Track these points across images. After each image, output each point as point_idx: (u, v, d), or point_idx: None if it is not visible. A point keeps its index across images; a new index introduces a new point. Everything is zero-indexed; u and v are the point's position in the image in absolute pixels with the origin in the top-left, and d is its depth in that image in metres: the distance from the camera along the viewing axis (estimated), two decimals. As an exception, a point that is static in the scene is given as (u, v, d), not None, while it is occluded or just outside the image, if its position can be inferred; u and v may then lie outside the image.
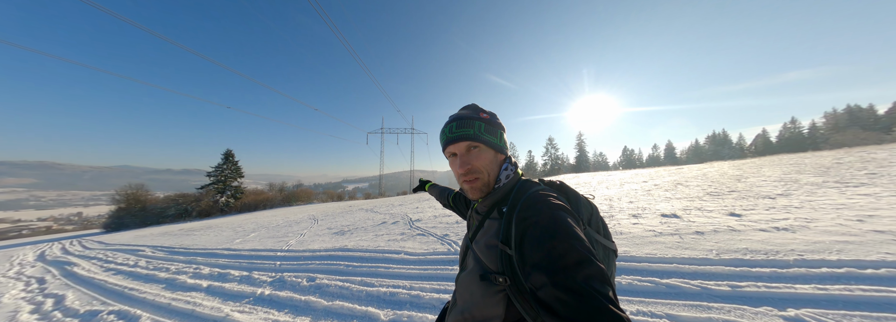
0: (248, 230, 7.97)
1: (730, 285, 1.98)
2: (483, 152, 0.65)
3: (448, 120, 0.70)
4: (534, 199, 0.57)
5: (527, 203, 0.57)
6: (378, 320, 2.11)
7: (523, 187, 0.64)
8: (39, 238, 15.04)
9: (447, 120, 0.70)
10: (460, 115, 0.68)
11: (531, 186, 0.64)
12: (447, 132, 0.67)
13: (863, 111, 39.50)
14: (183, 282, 3.60)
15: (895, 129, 18.10)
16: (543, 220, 0.51)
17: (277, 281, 3.22)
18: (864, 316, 1.53)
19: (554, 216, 0.51)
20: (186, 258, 5.08)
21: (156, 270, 4.37)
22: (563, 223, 0.50)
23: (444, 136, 0.68)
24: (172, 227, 12.97)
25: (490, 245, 0.60)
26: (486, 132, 0.66)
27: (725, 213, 3.89)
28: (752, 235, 2.84)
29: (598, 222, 0.65)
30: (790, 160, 9.70)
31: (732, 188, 5.72)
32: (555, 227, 0.49)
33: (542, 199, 0.56)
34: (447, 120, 0.70)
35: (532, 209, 0.54)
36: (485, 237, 0.62)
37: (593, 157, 48.89)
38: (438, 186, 1.31)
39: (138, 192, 20.72)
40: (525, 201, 0.57)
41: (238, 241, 6.26)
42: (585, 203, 0.66)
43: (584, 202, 0.66)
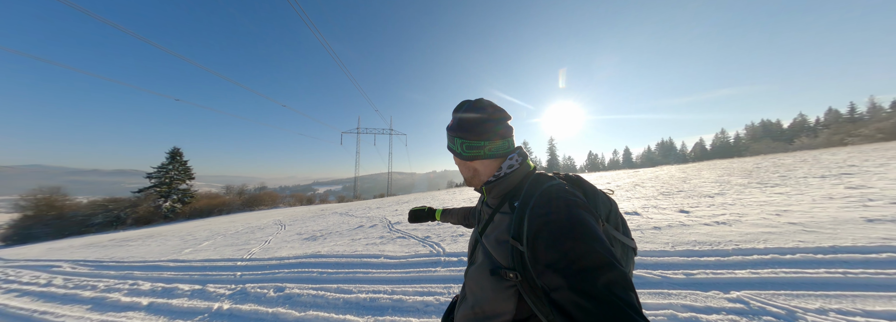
0: (200, 238, 7.08)
1: (684, 273, 2.22)
2: (456, 159, 0.72)
3: None
4: (549, 194, 0.54)
5: (541, 198, 0.54)
6: (357, 328, 1.99)
7: (537, 181, 0.60)
8: None
9: None
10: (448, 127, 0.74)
11: (546, 180, 0.60)
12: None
13: (773, 125, 47.81)
14: (115, 300, 3.06)
15: (796, 140, 22.22)
16: (560, 218, 0.48)
17: (238, 293, 2.89)
18: (787, 294, 1.81)
19: (572, 214, 0.49)
20: (120, 273, 4.35)
21: (78, 289, 3.66)
22: (583, 222, 0.47)
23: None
24: (100, 237, 11.04)
25: (501, 240, 0.57)
26: (449, 142, 0.71)
27: (676, 210, 4.38)
28: (699, 229, 3.23)
29: (617, 218, 0.63)
30: (722, 165, 11.31)
31: (680, 188, 6.49)
32: (573, 226, 0.46)
33: (558, 194, 0.53)
34: None
35: (548, 205, 0.51)
36: (495, 232, 0.60)
37: (563, 161, 52.36)
38: (455, 210, 1.08)
39: (53, 196, 17.35)
40: (539, 196, 0.54)
41: (188, 250, 5.52)
42: (604, 198, 0.63)
43: (603, 197, 0.63)
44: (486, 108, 0.66)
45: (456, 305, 0.71)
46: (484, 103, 0.67)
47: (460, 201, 8.84)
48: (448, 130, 0.70)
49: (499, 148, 0.65)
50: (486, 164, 0.67)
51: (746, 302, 1.76)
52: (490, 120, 0.65)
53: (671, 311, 1.76)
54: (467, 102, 0.68)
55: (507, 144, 0.66)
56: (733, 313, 1.68)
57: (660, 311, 1.77)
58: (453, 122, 0.68)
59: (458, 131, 0.66)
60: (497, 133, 0.65)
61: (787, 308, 1.66)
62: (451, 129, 0.68)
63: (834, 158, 8.25)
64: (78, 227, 16.25)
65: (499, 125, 0.65)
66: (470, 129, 0.64)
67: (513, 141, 0.68)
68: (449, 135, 0.70)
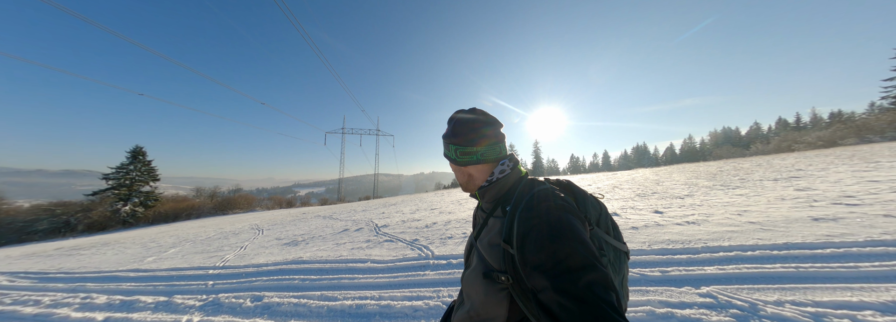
0: (165, 245, 6.52)
1: (660, 271, 2.35)
2: (452, 165, 0.73)
3: None
4: (538, 198, 0.56)
5: (530, 202, 0.55)
6: (343, 337, 1.91)
7: (528, 186, 0.62)
8: None
9: None
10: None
11: (536, 185, 0.62)
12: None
13: (732, 132, 52.35)
14: (64, 316, 2.73)
15: (751, 146, 24.54)
16: (546, 221, 0.50)
17: (210, 304, 2.68)
18: (750, 288, 1.97)
19: (558, 217, 0.50)
20: (69, 285, 3.89)
21: (17, 305, 3.23)
22: (567, 225, 0.49)
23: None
24: (45, 245, 9.85)
25: (493, 244, 0.59)
26: (445, 149, 0.73)
27: (651, 210, 4.65)
28: (672, 229, 3.45)
29: (607, 222, 0.64)
30: (690, 168, 12.19)
31: (654, 190, 6.90)
32: (558, 228, 0.48)
33: (546, 198, 0.55)
34: None
35: (536, 209, 0.53)
36: (488, 236, 0.61)
37: (547, 164, 54.04)
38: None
39: (-15, 200, 15.28)
40: (529, 200, 0.56)
41: (151, 259, 5.07)
42: (593, 202, 0.65)
43: (593, 202, 0.65)
44: (478, 116, 0.70)
45: (453, 309, 0.72)
46: (477, 111, 0.71)
47: (449, 203, 8.83)
48: (443, 139, 0.73)
49: (491, 153, 0.68)
50: (480, 170, 0.69)
51: (715, 296, 1.90)
52: (482, 126, 0.68)
53: (649, 307, 1.85)
54: (461, 111, 0.73)
55: (500, 150, 0.69)
56: (704, 307, 1.80)
57: (639, 308, 1.87)
58: (448, 130, 0.71)
59: (453, 138, 0.69)
60: (489, 139, 0.68)
61: (749, 301, 1.80)
62: (446, 136, 0.72)
63: (784, 163, 9.16)
64: (16, 235, 14.40)
65: (490, 131, 0.68)
66: (463, 136, 0.67)
67: (505, 147, 0.71)
68: (444, 142, 0.73)
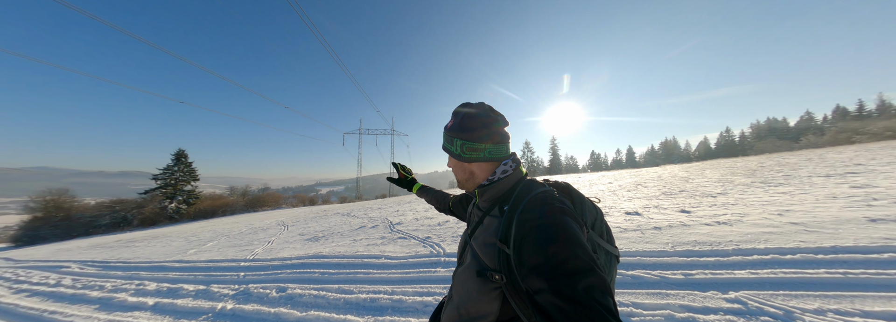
0: (204, 239, 7.16)
1: (683, 274, 2.22)
2: (452, 160, 0.72)
3: None
4: (538, 200, 0.56)
5: (530, 204, 0.55)
6: (358, 328, 2.01)
7: (527, 187, 0.62)
8: (-85, 257, 12.01)
9: None
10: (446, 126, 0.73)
11: (536, 187, 0.62)
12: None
13: (778, 123, 47.17)
14: (122, 300, 3.12)
15: (802, 139, 21.87)
16: (546, 224, 0.50)
17: (242, 293, 2.93)
18: (786, 294, 1.81)
19: (558, 220, 0.50)
20: (126, 273, 4.42)
21: (86, 289, 3.74)
22: (567, 228, 0.49)
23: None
24: (106, 238, 11.21)
25: (488, 243, 0.59)
26: (446, 142, 0.71)
27: (677, 210, 4.36)
28: (699, 229, 3.22)
29: (602, 226, 0.65)
30: (726, 164, 11.21)
31: (682, 188, 6.45)
32: (557, 231, 0.48)
33: (546, 200, 0.55)
34: None
35: (535, 211, 0.53)
36: (484, 234, 0.61)
37: (565, 161, 52.19)
38: (432, 191, 1.17)
39: (61, 198, 17.61)
40: (528, 202, 0.56)
41: (192, 251, 5.60)
42: (591, 206, 0.66)
43: (590, 206, 0.66)
44: (488, 112, 0.67)
45: (443, 306, 0.73)
46: (485, 107, 0.68)
47: (461, 202, 8.84)
48: (447, 131, 0.69)
49: (497, 151, 0.66)
50: (483, 168, 0.67)
51: (744, 302, 1.76)
52: (492, 123, 0.65)
53: (668, 312, 1.76)
54: (468, 105, 0.69)
55: (505, 149, 0.68)
56: (731, 313, 1.68)
57: (657, 312, 1.78)
58: (454, 123, 0.68)
59: (459, 132, 0.65)
60: (496, 137, 0.65)
61: (784, 308, 1.65)
62: (452, 129, 0.67)
63: (839, 157, 8.15)
64: (85, 229, 16.51)
65: (499, 129, 0.66)
66: (471, 131, 0.64)
67: (509, 146, 0.69)
68: (447, 135, 0.69)
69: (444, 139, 0.71)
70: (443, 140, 0.72)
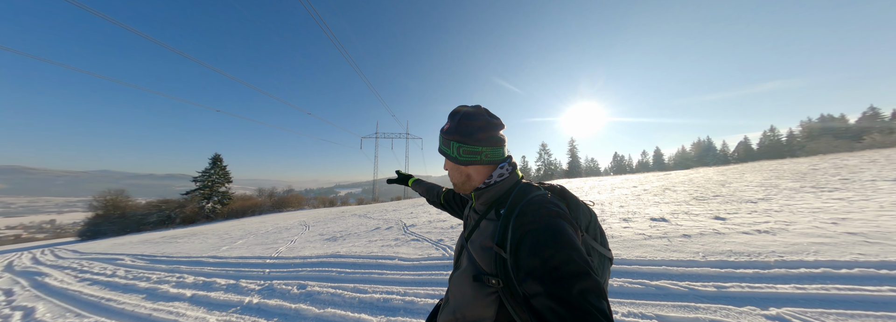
0: (235, 237, 7.71)
1: (715, 286, 2.04)
2: (448, 163, 0.72)
3: None
4: (533, 204, 0.56)
5: (526, 208, 0.56)
6: (371, 327, 2.07)
7: (523, 190, 0.62)
8: (7, 247, 14.09)
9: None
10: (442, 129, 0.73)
11: (531, 190, 0.62)
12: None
13: (835, 120, 41.86)
14: (165, 291, 3.44)
15: (866, 138, 19.17)
16: (542, 227, 0.50)
17: (266, 289, 3.12)
18: (839, 313, 1.60)
19: (553, 224, 0.50)
20: (169, 267, 4.86)
21: (136, 280, 4.16)
22: (563, 232, 0.49)
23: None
24: (154, 234, 12.40)
25: (485, 247, 0.59)
26: (442, 145, 0.71)
27: (711, 216, 4.02)
28: (736, 238, 2.95)
29: (596, 229, 0.65)
30: (770, 166, 10.15)
31: (717, 193, 5.93)
32: (553, 235, 0.48)
33: (541, 204, 0.56)
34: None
35: (531, 215, 0.53)
36: (480, 238, 0.61)
37: (585, 163, 49.92)
38: (425, 183, 1.20)
39: (118, 198, 19.82)
40: (524, 206, 0.56)
41: (225, 248, 6.04)
42: (585, 209, 0.66)
43: (584, 209, 0.66)
44: (484, 115, 0.67)
45: (439, 309, 0.73)
46: (482, 109, 0.69)
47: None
48: (444, 133, 0.69)
49: (493, 155, 0.66)
50: (479, 171, 0.67)
51: (787, 320, 1.59)
52: (490, 127, 0.65)
53: (697, 326, 1.63)
54: (465, 107, 0.69)
55: (501, 152, 0.68)
56: (771, 332, 1.53)
57: (684, 326, 1.66)
58: (451, 126, 0.67)
59: (457, 135, 0.65)
60: (494, 140, 0.66)
61: (837, 329, 1.47)
62: (448, 132, 0.67)
63: (913, 158, 7.08)
64: (136, 225, 18.42)
65: (497, 132, 0.66)
66: (469, 135, 0.64)
67: (505, 149, 0.69)
68: (444, 138, 0.69)
69: (440, 142, 0.71)
70: (439, 142, 0.72)
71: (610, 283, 2.28)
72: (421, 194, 1.19)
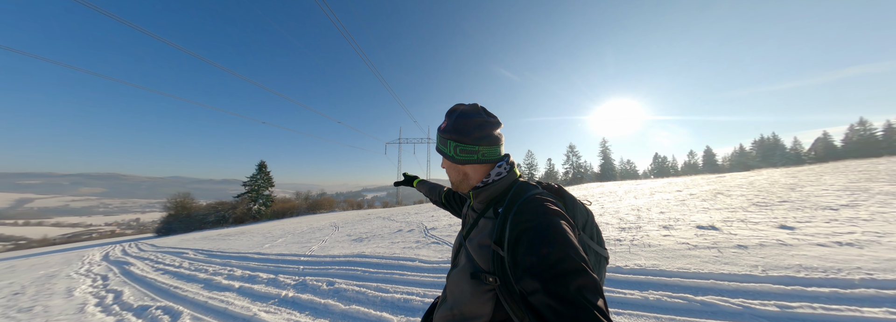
0: (275, 236, 8.47)
1: (778, 305, 1.75)
2: (445, 162, 0.73)
3: None
4: (531, 202, 0.56)
5: (523, 206, 0.56)
6: (391, 326, 2.13)
7: (521, 189, 0.63)
8: (105, 241, 17.17)
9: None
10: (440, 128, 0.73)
11: (529, 189, 0.62)
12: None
13: (954, 108, 33.31)
14: (218, 282, 3.90)
15: None
16: (539, 226, 0.50)
17: (300, 284, 3.38)
18: (955, 348, 1.28)
19: (550, 222, 0.51)
20: (222, 261, 5.51)
21: (196, 271, 4.78)
22: (560, 230, 0.49)
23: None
24: (211, 232, 14.12)
25: (483, 245, 0.59)
26: (440, 144, 0.70)
27: (775, 225, 3.47)
28: (808, 250, 2.50)
29: (593, 228, 0.65)
30: (859, 167, 8.44)
31: (784, 198, 5.09)
32: (551, 233, 0.49)
33: (539, 203, 0.56)
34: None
35: (528, 213, 0.54)
36: (479, 236, 0.62)
37: (620, 165, 45.97)
38: (428, 183, 1.23)
39: (185, 200, 23.02)
40: (522, 204, 0.57)
41: (267, 245, 6.67)
42: (581, 208, 0.66)
43: (581, 208, 0.66)
44: (481, 113, 0.67)
45: (436, 307, 0.74)
46: (479, 108, 0.68)
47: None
48: (441, 132, 0.69)
49: (491, 154, 0.66)
50: (477, 170, 0.67)
51: (876, 351, 1.31)
52: (487, 126, 0.65)
53: (752, 350, 1.42)
54: (462, 106, 0.69)
55: (498, 151, 0.68)
56: (853, 364, 1.27)
57: (735, 348, 1.45)
58: (447, 124, 0.67)
59: (454, 134, 0.65)
60: (491, 139, 0.65)
61: (952, 368, 1.17)
62: (446, 131, 0.67)
63: None
64: (198, 224, 21.13)
65: (494, 131, 0.66)
66: (466, 133, 0.64)
67: (502, 148, 0.69)
68: (441, 137, 0.69)
69: (437, 140, 0.72)
70: (436, 141, 0.73)
71: (645, 296, 2.08)
72: (425, 194, 1.22)
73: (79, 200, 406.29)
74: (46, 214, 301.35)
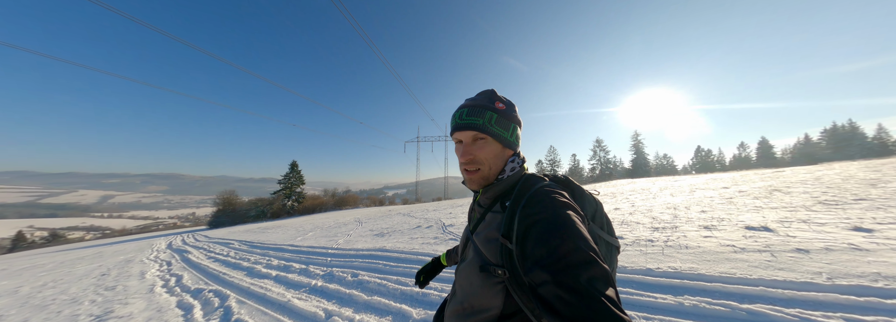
0: (306, 230, 9.12)
1: (845, 318, 1.52)
2: (488, 145, 0.62)
3: (461, 104, 0.66)
4: (539, 194, 0.56)
5: (532, 199, 0.55)
6: (410, 318, 2.21)
7: (528, 182, 0.62)
8: (169, 231, 19.82)
9: (460, 104, 0.66)
10: (473, 103, 0.63)
11: (537, 181, 0.62)
12: (457, 118, 0.63)
13: None
14: (259, 271, 4.31)
15: None
16: (549, 217, 0.50)
17: (328, 275, 3.62)
18: None
19: (559, 213, 0.50)
20: (261, 251, 6.07)
21: (240, 260, 5.33)
22: (569, 221, 0.49)
23: (454, 120, 0.65)
24: (252, 225, 15.60)
25: (490, 238, 0.59)
26: (496, 124, 0.62)
27: (847, 227, 2.98)
28: (889, 257, 2.13)
29: (602, 218, 0.65)
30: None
31: (862, 195, 4.35)
32: (560, 224, 0.48)
33: (547, 195, 0.55)
34: (460, 104, 0.66)
35: (537, 205, 0.53)
36: (486, 230, 0.61)
37: (655, 160, 42.26)
38: (454, 250, 1.01)
39: (230, 196, 25.66)
40: (530, 197, 0.56)
41: (299, 238, 7.22)
42: (590, 199, 0.65)
43: (589, 198, 0.66)
44: (502, 99, 0.67)
45: (446, 303, 0.74)
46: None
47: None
48: (501, 114, 0.62)
49: (517, 143, 0.67)
50: (502, 159, 0.65)
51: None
52: (515, 111, 0.67)
53: (809, 367, 1.25)
54: (491, 91, 0.68)
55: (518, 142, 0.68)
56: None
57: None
58: (508, 107, 0.64)
59: (516, 117, 0.65)
60: (519, 126, 0.67)
61: None
62: (507, 113, 0.63)
63: None
64: (242, 218, 23.45)
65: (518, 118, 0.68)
66: (512, 114, 0.65)
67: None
68: (502, 119, 0.62)
69: (492, 121, 0.62)
70: (487, 121, 0.61)
71: (680, 302, 1.92)
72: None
73: (147, 197, 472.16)
74: (124, 209, 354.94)
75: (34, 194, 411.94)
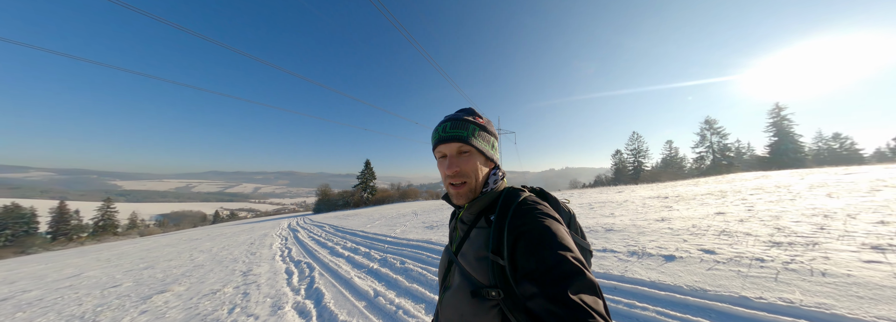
0: (374, 219, 10.61)
1: None
2: (473, 157, 0.62)
3: (443, 119, 0.68)
4: (525, 207, 0.55)
5: (518, 211, 0.54)
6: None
7: (511, 195, 0.61)
8: (289, 215, 26.55)
9: (442, 119, 0.68)
10: (456, 117, 0.65)
11: (519, 194, 0.61)
12: (440, 131, 0.64)
13: None
14: (337, 250, 5.36)
15: None
16: (537, 229, 0.50)
17: (382, 260, 4.20)
18: None
19: (546, 225, 0.50)
20: (342, 235, 7.47)
21: (326, 240, 6.73)
22: (557, 232, 0.49)
23: (437, 134, 0.64)
24: (339, 213, 19.18)
25: (479, 257, 0.55)
26: (478, 137, 0.63)
27: None
28: None
29: (576, 226, 0.70)
30: None
31: None
32: (547, 235, 0.48)
33: (533, 207, 0.55)
34: (442, 119, 0.68)
35: (524, 217, 0.52)
36: (472, 248, 0.58)
37: (816, 143, 29.30)
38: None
39: (326, 189, 32.27)
40: (516, 209, 0.55)
41: (368, 226, 8.50)
42: (564, 209, 0.68)
43: (563, 209, 0.68)
44: (480, 115, 0.69)
45: None
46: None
47: (595, 208, 7.45)
48: (482, 128, 0.64)
49: (498, 152, 0.70)
50: (484, 173, 0.64)
51: None
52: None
53: None
54: (470, 109, 0.70)
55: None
56: None
57: None
58: (484, 119, 0.66)
59: (493, 134, 0.67)
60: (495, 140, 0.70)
61: None
62: (487, 129, 0.65)
63: None
64: (332, 207, 29.17)
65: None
66: (489, 128, 0.67)
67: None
68: (483, 133, 0.64)
69: (473, 135, 0.62)
70: (470, 134, 0.62)
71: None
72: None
73: (279, 188, 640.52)
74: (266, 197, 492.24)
75: (221, 185, 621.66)
